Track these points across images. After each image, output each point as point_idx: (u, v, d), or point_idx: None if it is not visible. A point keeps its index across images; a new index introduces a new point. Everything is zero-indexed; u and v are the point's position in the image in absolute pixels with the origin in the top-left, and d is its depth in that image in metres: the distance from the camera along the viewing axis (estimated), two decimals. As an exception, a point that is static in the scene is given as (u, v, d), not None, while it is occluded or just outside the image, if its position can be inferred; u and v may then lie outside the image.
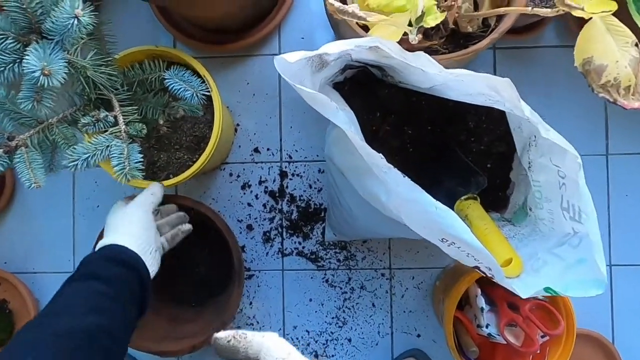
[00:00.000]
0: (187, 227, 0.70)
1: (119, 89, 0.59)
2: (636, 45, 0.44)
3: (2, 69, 0.48)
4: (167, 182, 0.71)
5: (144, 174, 0.55)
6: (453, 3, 0.54)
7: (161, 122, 0.64)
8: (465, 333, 0.78)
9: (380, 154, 0.47)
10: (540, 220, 0.57)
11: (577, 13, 0.44)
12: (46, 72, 0.45)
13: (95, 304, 0.47)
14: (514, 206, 0.66)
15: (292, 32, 0.92)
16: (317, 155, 0.92)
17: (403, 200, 0.48)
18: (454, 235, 0.47)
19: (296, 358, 0.34)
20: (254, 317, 0.92)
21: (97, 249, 0.56)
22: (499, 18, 0.68)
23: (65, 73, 0.46)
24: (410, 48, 0.52)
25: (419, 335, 0.91)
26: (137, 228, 0.57)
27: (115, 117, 0.57)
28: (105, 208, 0.64)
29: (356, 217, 0.73)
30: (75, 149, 0.55)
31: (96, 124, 0.56)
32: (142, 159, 0.55)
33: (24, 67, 0.46)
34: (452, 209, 0.47)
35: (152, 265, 0.57)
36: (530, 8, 0.55)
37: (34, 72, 0.45)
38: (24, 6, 0.46)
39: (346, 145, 0.57)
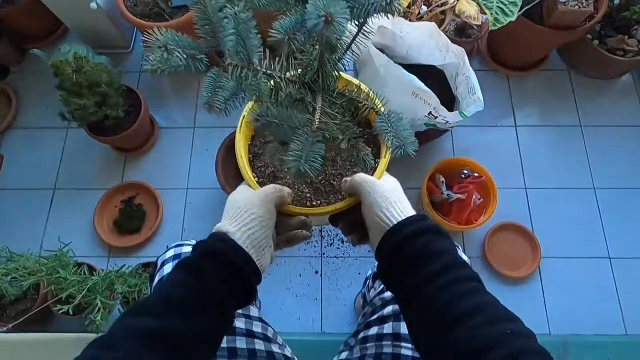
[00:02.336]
0: (306, 234, 0.66)
1: (331, 91, 0.53)
2: (477, 7, 1.11)
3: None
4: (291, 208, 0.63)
5: (315, 175, 0.45)
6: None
7: (343, 147, 0.56)
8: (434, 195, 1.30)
9: (384, 55, 1.10)
10: (463, 99, 1.16)
11: None
12: (330, 18, 0.36)
13: (181, 305, 0.48)
14: (459, 103, 1.24)
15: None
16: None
17: (395, 74, 1.09)
18: (419, 87, 1.07)
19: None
20: (302, 217, 1.42)
21: (213, 231, 0.55)
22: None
23: (341, 26, 0.36)
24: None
25: (409, 229, 1.40)
26: (256, 224, 0.55)
27: (314, 109, 0.50)
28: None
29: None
30: (264, 108, 0.48)
31: (297, 102, 0.51)
32: (321, 161, 0.46)
33: (310, 3, 0.36)
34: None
35: (263, 265, 0.55)
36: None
37: (317, 12, 0.36)
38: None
39: (366, 72, 1.19)
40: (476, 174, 1.26)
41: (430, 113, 1.11)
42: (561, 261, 1.35)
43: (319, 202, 0.66)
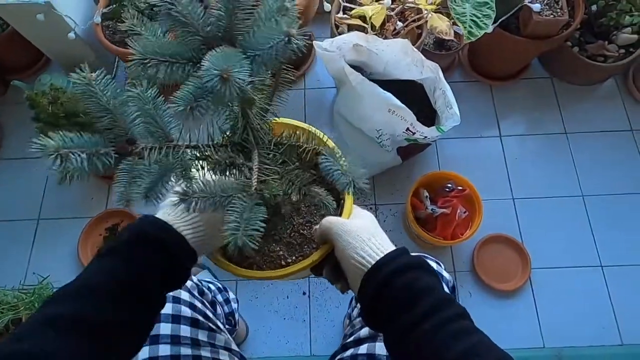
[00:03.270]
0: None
1: (266, 143, 0.49)
2: (448, 21, 1.11)
3: (176, 64, 0.38)
4: (245, 272, 0.59)
5: (256, 246, 0.39)
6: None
7: (294, 199, 0.52)
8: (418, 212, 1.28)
9: (359, 73, 1.09)
10: (442, 113, 1.16)
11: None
12: (225, 75, 0.33)
13: (102, 292, 0.46)
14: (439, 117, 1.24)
15: (312, 77, 1.61)
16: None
17: (370, 92, 1.08)
18: (394, 104, 1.06)
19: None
20: (288, 237, 1.40)
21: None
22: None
23: (240, 89, 0.34)
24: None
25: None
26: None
27: (250, 169, 0.46)
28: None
29: (350, 149, 1.31)
30: (190, 184, 0.44)
31: (228, 168, 0.48)
32: (262, 228, 0.40)
33: (203, 62, 0.34)
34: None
35: (203, 243, 0.53)
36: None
37: (211, 71, 0.33)
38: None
39: (344, 91, 1.19)
40: (460, 187, 1.24)
41: (407, 129, 1.10)
42: (552, 271, 1.33)
43: (294, 258, 0.61)
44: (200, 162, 0.47)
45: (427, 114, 1.28)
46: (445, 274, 0.82)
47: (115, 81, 0.40)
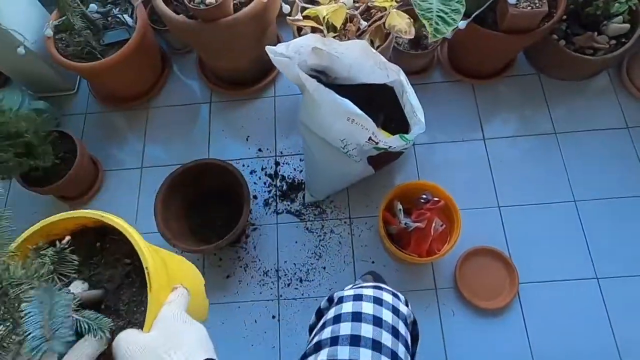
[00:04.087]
0: None
1: None
2: (409, 19, 1.01)
3: None
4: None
5: None
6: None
7: None
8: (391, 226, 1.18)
9: (314, 79, 1.00)
10: (410, 119, 1.06)
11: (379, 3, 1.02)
12: None
13: None
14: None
15: (283, 83, 1.52)
16: (298, 151, 1.43)
17: (327, 99, 0.99)
18: (352, 111, 0.97)
19: None
20: (257, 257, 1.31)
21: None
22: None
23: None
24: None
25: (373, 262, 1.28)
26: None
27: None
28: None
29: (318, 160, 1.21)
30: None
31: None
32: None
33: None
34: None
35: None
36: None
37: None
38: None
39: (305, 98, 1.10)
40: (436, 199, 1.14)
41: (370, 138, 1.00)
42: (542, 286, 1.22)
43: None
44: None
45: (399, 120, 1.17)
46: (403, 309, 0.72)
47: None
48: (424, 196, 1.15)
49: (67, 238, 0.43)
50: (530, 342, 1.16)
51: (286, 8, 1.20)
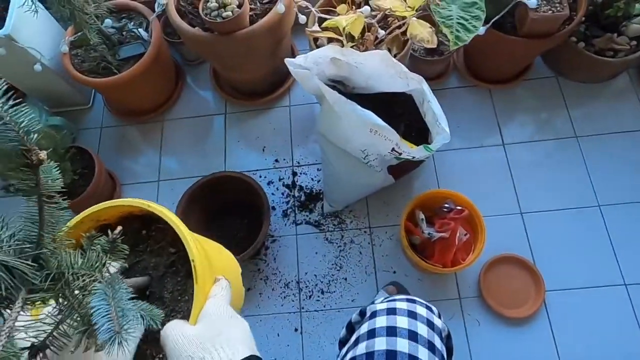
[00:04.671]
0: None
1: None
2: (430, 28, 0.99)
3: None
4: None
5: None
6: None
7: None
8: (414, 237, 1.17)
9: (335, 91, 0.99)
10: (432, 128, 1.04)
11: (401, 13, 1.00)
12: None
13: None
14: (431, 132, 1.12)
15: (298, 92, 1.51)
16: (315, 160, 1.42)
17: (348, 111, 0.98)
18: (375, 123, 0.95)
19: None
20: (277, 268, 1.30)
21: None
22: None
23: None
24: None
25: (394, 272, 1.26)
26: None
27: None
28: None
29: (337, 171, 1.20)
30: None
31: None
32: None
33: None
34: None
35: None
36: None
37: None
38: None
39: (324, 109, 1.09)
40: (459, 207, 1.12)
41: (393, 149, 0.99)
42: (569, 293, 1.19)
43: None
44: None
45: (419, 128, 1.16)
46: (438, 322, 0.71)
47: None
48: (447, 205, 1.14)
49: (119, 228, 0.44)
50: (559, 351, 1.14)
51: (302, 19, 1.19)
